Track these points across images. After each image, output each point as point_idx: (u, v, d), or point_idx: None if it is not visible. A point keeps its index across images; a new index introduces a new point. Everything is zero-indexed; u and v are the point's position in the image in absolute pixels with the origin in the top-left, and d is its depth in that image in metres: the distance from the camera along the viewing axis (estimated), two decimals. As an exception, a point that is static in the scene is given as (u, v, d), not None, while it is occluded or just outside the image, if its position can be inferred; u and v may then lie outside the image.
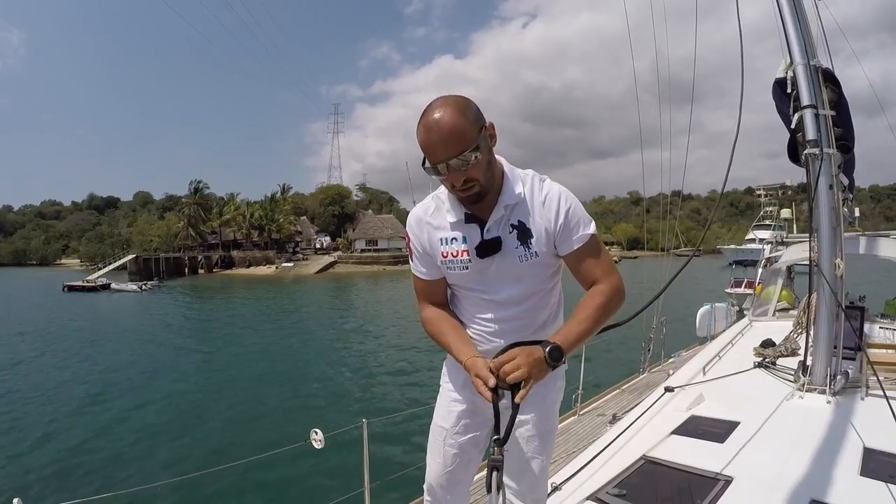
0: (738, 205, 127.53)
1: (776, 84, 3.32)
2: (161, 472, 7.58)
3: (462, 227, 1.63)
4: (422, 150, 1.48)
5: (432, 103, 1.48)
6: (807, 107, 3.04)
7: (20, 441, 9.52)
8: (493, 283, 1.65)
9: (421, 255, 1.72)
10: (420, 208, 1.74)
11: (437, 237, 1.68)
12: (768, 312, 5.07)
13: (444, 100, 1.48)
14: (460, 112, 1.45)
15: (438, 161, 1.45)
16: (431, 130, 1.44)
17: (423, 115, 1.47)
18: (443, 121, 1.43)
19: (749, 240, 64.28)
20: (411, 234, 1.75)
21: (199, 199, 72.32)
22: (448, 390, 1.88)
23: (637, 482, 2.15)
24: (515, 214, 1.60)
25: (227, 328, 23.75)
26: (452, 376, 1.87)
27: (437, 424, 1.90)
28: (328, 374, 14.20)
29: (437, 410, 1.91)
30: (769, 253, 6.34)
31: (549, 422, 1.80)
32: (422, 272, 1.75)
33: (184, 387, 13.29)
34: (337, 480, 6.83)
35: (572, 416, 5.73)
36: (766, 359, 3.34)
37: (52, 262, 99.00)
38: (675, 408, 2.84)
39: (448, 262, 1.66)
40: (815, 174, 2.98)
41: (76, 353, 17.75)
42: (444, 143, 1.44)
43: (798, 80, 3.09)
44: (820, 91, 3.08)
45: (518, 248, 1.60)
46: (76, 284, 45.28)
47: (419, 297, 1.80)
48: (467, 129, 1.44)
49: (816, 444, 2.26)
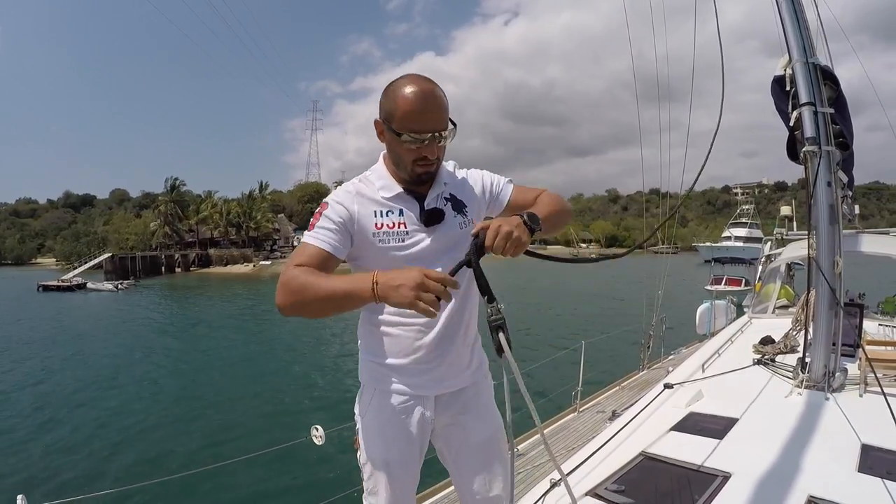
0: (716, 203, 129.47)
1: (775, 81, 3.33)
2: (155, 470, 7.54)
3: (399, 201, 1.62)
4: (400, 118, 1.48)
5: (415, 75, 1.52)
6: (805, 104, 3.04)
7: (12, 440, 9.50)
8: (427, 256, 1.59)
9: (339, 226, 1.55)
10: (351, 185, 1.67)
11: (370, 210, 1.61)
12: (768, 310, 5.08)
13: (426, 77, 1.52)
14: (440, 90, 1.51)
15: (433, 129, 1.48)
16: (427, 98, 1.47)
17: (410, 83, 1.48)
18: (437, 92, 1.49)
19: (725, 237, 65.34)
20: (334, 206, 1.58)
21: (175, 197, 71.60)
22: (381, 409, 1.73)
23: (636, 478, 2.16)
24: (447, 190, 1.67)
25: (205, 326, 23.80)
26: (382, 385, 1.73)
27: (378, 459, 1.73)
28: (319, 371, 14.21)
29: (371, 442, 1.75)
30: (769, 250, 6.39)
31: (496, 420, 1.86)
32: (326, 240, 1.53)
33: (170, 386, 13.31)
34: (336, 473, 6.92)
35: (572, 412, 5.76)
36: (766, 356, 3.35)
37: (28, 262, 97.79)
38: (675, 404, 2.86)
39: (382, 233, 1.58)
40: (813, 171, 2.98)
41: (54, 354, 17.52)
42: (439, 113, 1.49)
43: (797, 78, 3.10)
44: (819, 88, 3.09)
45: (456, 216, 1.65)
46: (51, 284, 44.66)
47: (296, 262, 1.49)
48: (449, 107, 1.53)
49: (815, 440, 2.27)
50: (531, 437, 4.99)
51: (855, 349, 3.20)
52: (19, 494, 2.37)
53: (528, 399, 1.26)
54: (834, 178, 3.01)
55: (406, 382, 1.69)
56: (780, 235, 6.81)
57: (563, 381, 6.75)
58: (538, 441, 4.93)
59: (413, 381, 1.69)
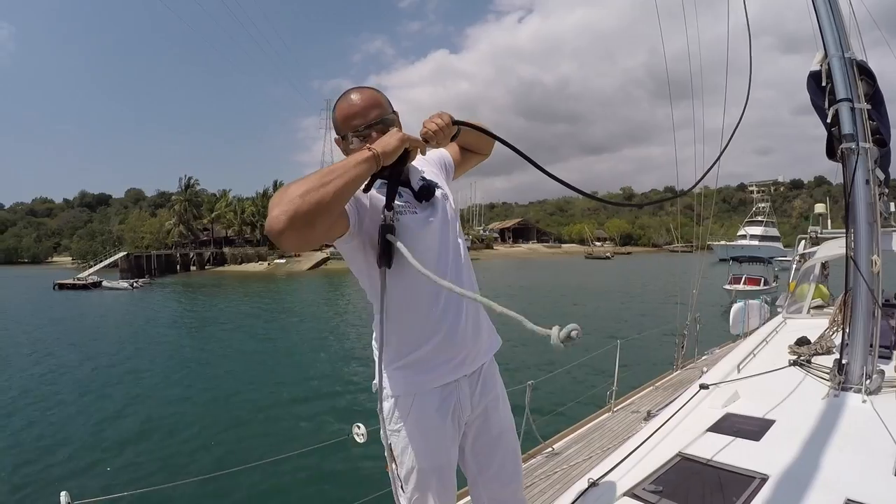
0: (731, 201, 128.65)
1: (810, 77, 3.27)
2: (194, 468, 7.69)
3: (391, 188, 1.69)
4: (343, 124, 1.65)
5: (346, 91, 1.69)
6: (842, 100, 3.00)
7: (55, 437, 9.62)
8: (438, 227, 1.71)
9: (354, 202, 1.56)
10: None
11: (379, 198, 1.64)
12: (802, 310, 5.03)
13: (359, 86, 1.70)
14: (375, 90, 1.69)
15: (369, 121, 1.61)
16: (354, 100, 1.64)
17: (341, 98, 1.67)
18: (364, 93, 1.66)
19: (741, 236, 64.80)
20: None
21: (190, 196, 72.16)
22: (422, 415, 1.73)
23: (673, 479, 2.15)
24: (419, 174, 1.78)
25: (225, 324, 23.97)
26: (419, 384, 1.73)
27: (426, 468, 1.73)
28: (346, 370, 14.19)
29: (417, 451, 1.74)
30: (803, 248, 6.31)
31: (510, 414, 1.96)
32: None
33: (201, 384, 13.38)
34: (380, 471, 6.99)
35: (606, 412, 5.76)
36: (801, 357, 3.31)
37: (44, 260, 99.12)
38: (711, 405, 2.84)
39: (399, 208, 1.63)
40: (851, 169, 2.94)
41: (74, 352, 17.68)
42: (371, 106, 1.63)
43: (833, 74, 3.05)
44: (855, 84, 3.04)
45: (438, 191, 1.76)
46: (67, 283, 45.24)
47: None
48: (384, 100, 1.68)
49: (852, 443, 2.25)
50: (567, 436, 4.99)
51: (892, 351, 3.17)
52: (62, 491, 2.37)
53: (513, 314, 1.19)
54: (872, 176, 2.96)
55: (436, 374, 1.72)
56: (815, 234, 6.73)
57: (597, 381, 6.72)
58: (574, 440, 4.94)
59: (441, 371, 1.73)
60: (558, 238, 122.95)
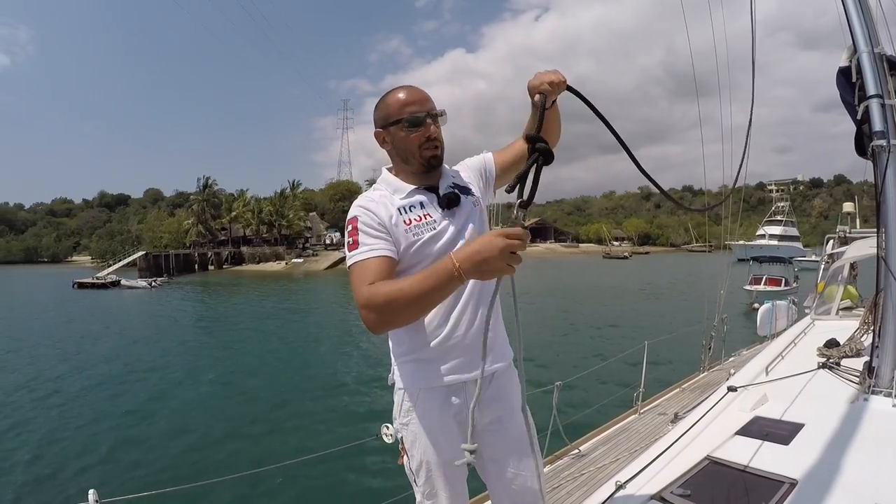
0: (750, 200, 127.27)
1: (840, 73, 3.21)
2: (222, 468, 7.71)
3: (417, 195, 1.75)
4: (397, 107, 1.69)
5: (394, 88, 1.74)
6: (873, 97, 2.93)
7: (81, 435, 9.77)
8: (455, 238, 1.71)
9: (378, 232, 1.64)
10: (365, 198, 1.76)
11: (394, 211, 1.70)
12: (831, 311, 4.96)
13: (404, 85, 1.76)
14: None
15: (430, 110, 1.69)
16: (412, 90, 1.72)
17: (390, 93, 1.73)
18: (417, 88, 1.73)
19: (759, 236, 63.97)
20: (364, 216, 1.66)
21: (208, 196, 72.82)
22: (428, 409, 1.78)
23: (701, 482, 2.12)
24: (451, 181, 1.83)
25: (246, 323, 24.16)
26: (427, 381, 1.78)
27: (434, 461, 1.78)
28: (370, 372, 14.16)
29: (424, 445, 1.79)
30: (831, 248, 6.21)
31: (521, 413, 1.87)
32: (380, 248, 1.60)
33: (225, 384, 13.46)
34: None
35: (633, 414, 5.74)
36: (831, 359, 3.24)
37: (63, 260, 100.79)
38: (739, 408, 2.80)
39: (413, 227, 1.69)
40: (882, 167, 2.87)
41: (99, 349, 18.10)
42: (426, 99, 1.71)
43: (863, 69, 2.98)
44: (885, 80, 2.97)
45: (467, 197, 1.80)
46: (86, 282, 45.93)
47: (367, 282, 1.52)
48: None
49: (882, 447, 2.20)
50: (594, 438, 4.98)
51: None
52: (90, 489, 2.39)
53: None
54: (904, 174, 2.89)
55: (443, 372, 1.75)
56: (843, 233, 6.63)
57: (624, 382, 6.69)
58: (601, 441, 4.92)
59: (449, 369, 1.75)
60: (576, 238, 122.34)
